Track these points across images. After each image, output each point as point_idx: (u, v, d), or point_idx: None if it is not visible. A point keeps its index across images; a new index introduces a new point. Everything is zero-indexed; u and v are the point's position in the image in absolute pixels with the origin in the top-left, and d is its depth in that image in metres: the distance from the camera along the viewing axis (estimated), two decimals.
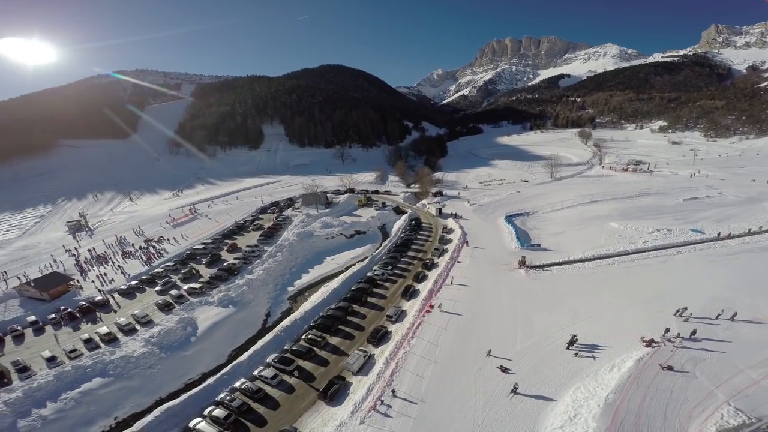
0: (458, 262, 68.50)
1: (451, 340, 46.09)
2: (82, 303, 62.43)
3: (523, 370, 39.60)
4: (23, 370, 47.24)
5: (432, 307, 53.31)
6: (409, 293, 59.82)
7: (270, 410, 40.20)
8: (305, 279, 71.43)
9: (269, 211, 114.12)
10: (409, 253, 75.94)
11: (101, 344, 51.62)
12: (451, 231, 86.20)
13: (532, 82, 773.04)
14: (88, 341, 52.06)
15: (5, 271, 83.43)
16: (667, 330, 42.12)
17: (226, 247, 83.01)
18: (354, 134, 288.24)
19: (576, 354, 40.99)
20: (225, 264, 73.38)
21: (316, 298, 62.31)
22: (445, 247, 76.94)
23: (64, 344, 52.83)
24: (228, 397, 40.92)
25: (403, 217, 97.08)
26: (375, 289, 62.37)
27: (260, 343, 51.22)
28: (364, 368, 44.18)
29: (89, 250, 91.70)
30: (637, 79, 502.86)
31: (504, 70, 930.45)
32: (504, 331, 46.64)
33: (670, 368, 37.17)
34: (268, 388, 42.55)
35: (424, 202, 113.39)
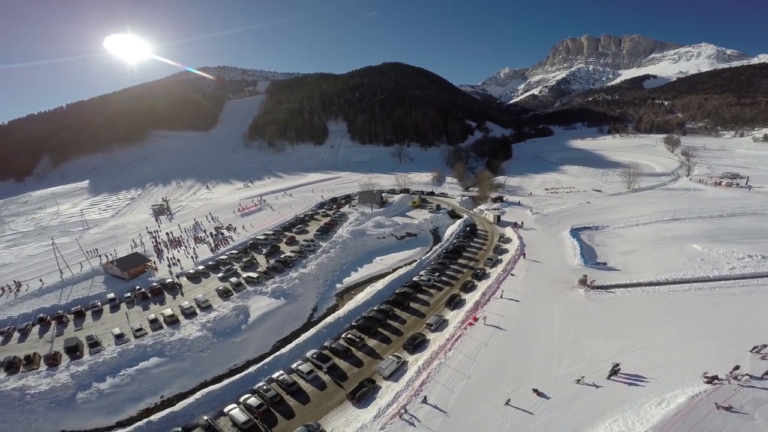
0: (512, 274, 65.24)
1: (490, 357, 44.52)
2: (154, 284, 69.16)
3: (561, 395, 37.33)
4: (94, 344, 52.88)
5: (476, 319, 51.67)
6: (454, 303, 58.38)
7: (300, 404, 41.77)
8: (353, 277, 72.69)
9: (327, 206, 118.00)
10: (460, 261, 73.99)
11: (164, 325, 56.49)
12: (508, 241, 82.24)
13: (612, 83, 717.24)
14: (153, 321, 57.31)
15: (96, 249, 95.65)
16: (737, 367, 37.19)
17: (285, 240, 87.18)
18: (413, 133, 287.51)
19: (619, 384, 38.05)
20: (282, 256, 77.10)
21: (360, 297, 63.19)
22: (499, 257, 73.69)
23: (132, 323, 58.47)
24: (264, 387, 43.03)
25: (458, 222, 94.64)
26: (419, 295, 61.75)
27: (303, 337, 53.18)
28: (395, 374, 44.28)
29: (167, 234, 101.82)
30: (738, 82, 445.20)
31: (579, 69, 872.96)
32: (549, 352, 44.17)
33: (727, 408, 33.04)
34: (302, 383, 44.23)
35: (482, 207, 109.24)
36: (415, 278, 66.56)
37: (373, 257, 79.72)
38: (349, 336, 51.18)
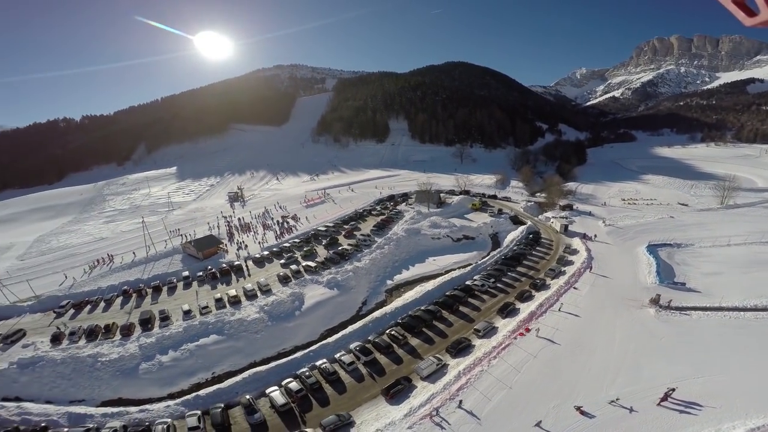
0: (575, 288, 61.72)
1: (537, 370, 42.89)
2: (224, 265, 74.96)
3: (606, 416, 35.43)
4: (165, 318, 58.12)
5: (528, 330, 49.90)
6: (507, 311, 56.63)
7: (336, 393, 43.12)
8: (405, 275, 73.05)
9: (385, 203, 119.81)
10: (519, 269, 71.24)
11: (227, 305, 60.74)
12: (574, 252, 77.34)
13: (708, 86, 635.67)
14: (218, 300, 61.78)
15: (178, 229, 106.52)
16: None
17: (343, 232, 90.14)
18: (477, 133, 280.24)
19: (669, 411, 35.39)
20: (340, 248, 79.77)
21: (409, 296, 63.40)
22: (563, 269, 69.82)
23: (200, 300, 63.36)
24: (306, 373, 44.96)
25: (521, 228, 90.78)
26: (470, 299, 60.78)
27: (349, 329, 54.73)
28: (433, 376, 44.12)
29: (239, 219, 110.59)
30: None
31: (669, 71, 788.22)
32: (602, 371, 41.86)
33: None
34: (342, 373, 45.65)
35: (549, 215, 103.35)
36: (468, 282, 65.52)
37: (426, 257, 79.50)
38: (393, 333, 51.85)
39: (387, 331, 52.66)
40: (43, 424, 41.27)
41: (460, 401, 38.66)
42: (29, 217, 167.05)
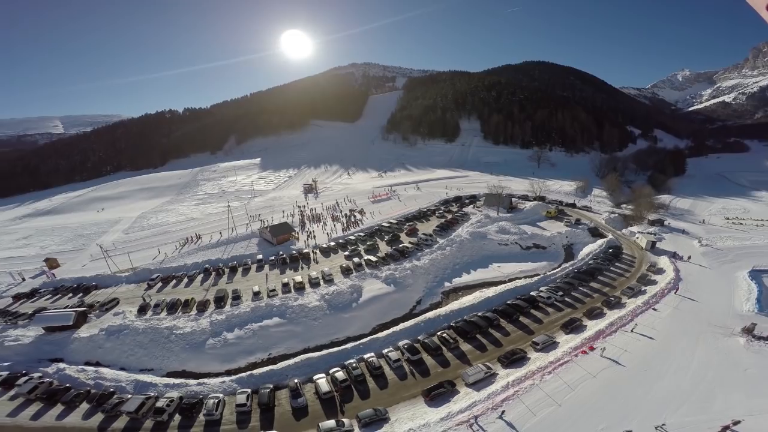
0: (654, 309, 56.55)
1: (593, 390, 40.36)
2: (294, 252, 79.61)
3: None
4: (236, 298, 62.93)
5: (592, 348, 46.82)
6: (572, 327, 53.17)
7: (377, 388, 43.49)
8: (464, 279, 71.11)
9: (451, 204, 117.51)
10: (592, 284, 66.03)
11: (292, 290, 64.26)
12: (660, 272, 69.75)
13: None
14: (285, 285, 65.63)
15: (258, 214, 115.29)
16: None
17: (406, 230, 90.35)
18: (557, 136, 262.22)
19: None
20: (401, 245, 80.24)
21: (467, 300, 61.89)
22: (643, 288, 63.61)
23: (269, 283, 67.72)
24: (353, 364, 45.96)
25: (600, 241, 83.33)
26: (533, 311, 58.00)
27: (401, 326, 54.90)
28: (478, 383, 42.82)
29: (311, 209, 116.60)
30: None
31: None
32: (667, 397, 38.79)
33: None
34: (387, 368, 46.05)
35: (634, 229, 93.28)
36: (533, 293, 62.39)
37: (489, 262, 76.58)
38: (444, 335, 51.21)
39: (438, 333, 52.20)
40: (111, 390, 46.24)
41: (503, 412, 37.43)
42: (136, 196, 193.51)
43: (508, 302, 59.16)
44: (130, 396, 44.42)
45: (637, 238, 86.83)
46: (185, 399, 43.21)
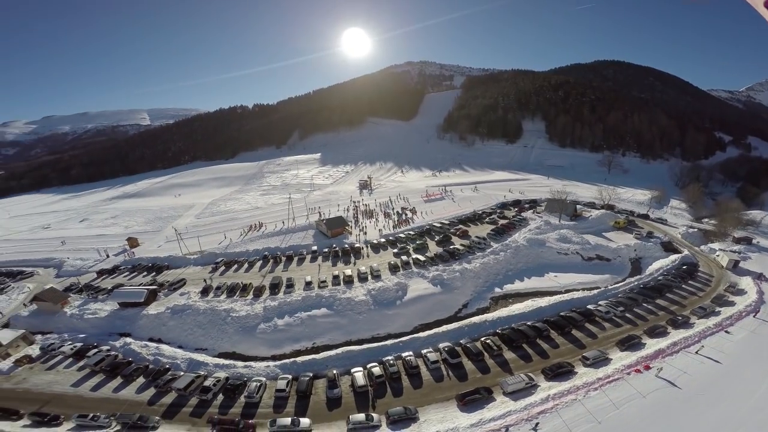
0: (726, 331, 51.61)
1: (639, 410, 37.92)
2: (346, 246, 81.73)
3: None
4: (290, 286, 65.72)
5: (648, 368, 43.73)
6: (629, 344, 49.73)
7: (411, 387, 43.46)
8: (516, 286, 68.31)
9: (509, 208, 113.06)
10: (659, 302, 60.96)
11: (341, 283, 65.78)
12: (740, 293, 62.54)
13: None
14: (335, 277, 67.41)
15: (316, 207, 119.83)
16: None
17: (458, 232, 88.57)
18: (632, 140, 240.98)
19: None
20: (451, 247, 78.87)
21: (516, 308, 59.57)
22: (717, 309, 57.81)
23: (321, 274, 70.09)
24: (391, 361, 46.20)
25: (673, 257, 75.69)
26: (588, 325, 54.69)
27: (444, 328, 54.35)
28: (517, 393, 41.37)
29: (365, 205, 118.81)
30: None
31: None
32: (720, 424, 36.08)
33: None
34: (423, 369, 45.91)
35: (715, 246, 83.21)
36: (590, 306, 58.79)
37: (545, 271, 72.80)
38: (488, 341, 49.93)
39: (482, 339, 50.95)
40: (167, 366, 50.13)
41: (537, 424, 36.07)
42: (209, 184, 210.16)
43: (562, 314, 56.42)
44: (182, 374, 47.98)
45: (718, 255, 77.45)
46: (231, 380, 46.00)
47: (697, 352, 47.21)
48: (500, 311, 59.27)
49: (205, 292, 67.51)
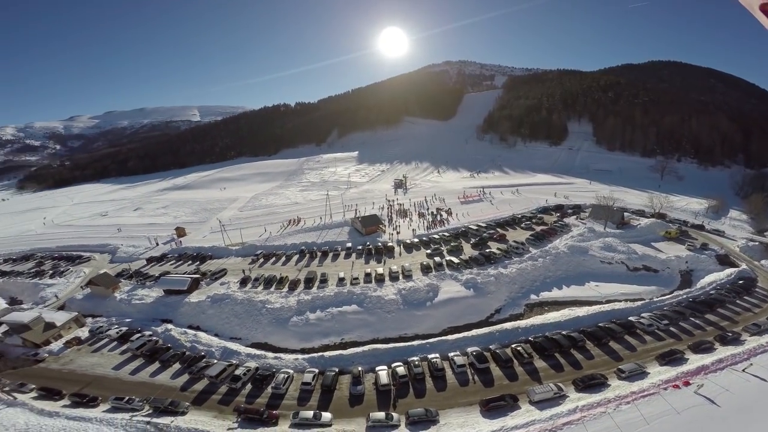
0: None
1: (671, 427, 36.16)
2: (379, 244, 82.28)
3: None
4: (323, 281, 67.17)
5: (687, 384, 41.32)
6: (670, 359, 47.08)
7: (434, 389, 43.08)
8: (554, 294, 65.74)
9: (550, 212, 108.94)
10: (708, 317, 56.96)
11: (373, 281, 66.36)
12: None
13: None
14: (367, 275, 68.03)
15: (352, 204, 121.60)
16: None
17: (495, 235, 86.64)
18: (688, 145, 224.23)
19: None
20: (487, 250, 77.19)
21: (552, 316, 57.43)
22: None
23: (353, 271, 70.98)
24: (416, 362, 45.95)
25: (729, 271, 69.94)
26: (627, 337, 52.18)
27: (474, 332, 53.42)
28: (544, 403, 39.96)
29: (399, 204, 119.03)
30: None
31: None
32: None
33: None
34: (449, 372, 45.32)
35: None
36: (632, 318, 55.95)
37: (586, 280, 69.62)
38: (518, 348, 48.59)
39: (513, 346, 49.65)
40: (202, 354, 52.25)
41: None
42: (252, 179, 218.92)
43: (600, 324, 53.96)
44: (215, 361, 50.08)
45: None
46: (260, 370, 47.51)
47: (744, 370, 43.85)
48: (534, 319, 57.54)
49: (243, 282, 70.24)
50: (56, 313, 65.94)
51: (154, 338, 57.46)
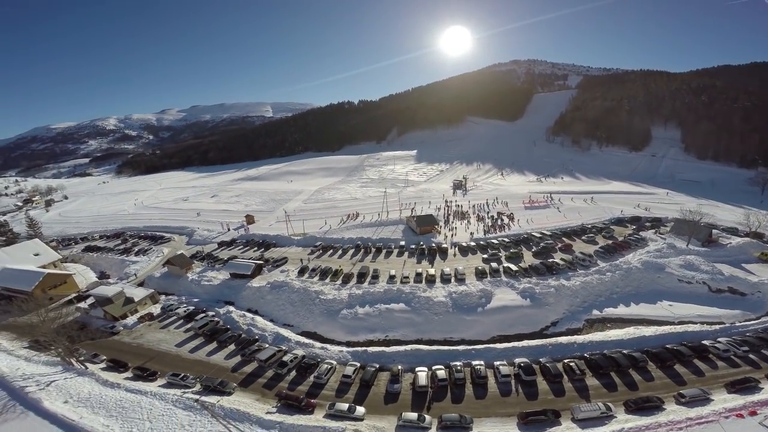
0: None
1: None
2: (433, 245, 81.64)
3: None
4: (375, 277, 68.31)
5: (753, 414, 37.33)
6: (741, 386, 42.16)
7: (473, 397, 42.00)
8: (619, 310, 60.56)
9: (625, 224, 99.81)
10: None
11: (423, 281, 65.91)
12: None
13: None
14: (418, 275, 67.69)
15: (412, 203, 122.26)
16: None
17: (560, 245, 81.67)
18: None
19: None
20: (550, 260, 73.12)
21: (614, 334, 53.32)
22: None
23: (405, 270, 71.17)
24: (458, 367, 44.76)
25: None
26: (696, 361, 47.22)
27: (525, 342, 51.28)
28: (588, 422, 37.42)
29: (457, 206, 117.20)
30: None
31: None
32: None
33: None
34: (491, 380, 43.97)
35: None
36: (706, 341, 50.37)
37: (658, 299, 63.23)
38: (571, 364, 45.46)
39: (565, 361, 46.75)
40: (256, 337, 54.95)
41: None
42: (316, 173, 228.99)
43: (668, 346, 49.17)
44: (267, 346, 52.54)
45: None
46: (306, 359, 49.24)
47: None
48: (594, 335, 53.75)
49: (301, 272, 73.66)
50: (136, 289, 72.48)
51: (216, 319, 61.16)
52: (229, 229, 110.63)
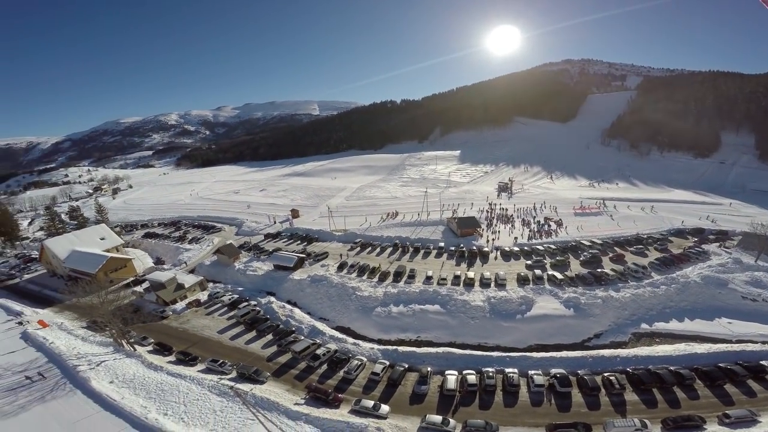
0: None
1: None
2: (473, 248, 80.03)
3: None
4: (411, 277, 68.20)
5: None
6: None
7: (502, 404, 40.95)
8: (671, 325, 56.38)
9: (686, 236, 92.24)
10: None
11: (461, 284, 64.76)
12: None
13: None
14: (456, 277, 66.60)
15: (453, 204, 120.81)
16: None
17: (611, 255, 77.19)
18: None
19: None
20: (599, 270, 69.22)
21: (662, 349, 49.97)
22: None
23: (442, 272, 70.38)
24: (490, 373, 43.75)
25: None
26: (750, 381, 43.33)
27: (564, 353, 49.20)
28: None
29: (501, 209, 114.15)
30: None
31: None
32: None
33: None
34: (523, 389, 42.44)
35: None
36: (764, 362, 45.78)
37: (717, 315, 58.04)
38: (611, 378, 42.96)
39: (605, 374, 44.29)
40: (293, 329, 56.48)
41: None
42: (359, 171, 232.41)
43: (721, 364, 45.23)
44: (302, 338, 54.03)
45: None
46: (338, 353, 50.02)
47: None
48: (640, 349, 50.53)
49: (341, 267, 75.25)
50: (187, 276, 76.75)
51: (257, 308, 63.59)
52: (275, 222, 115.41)
